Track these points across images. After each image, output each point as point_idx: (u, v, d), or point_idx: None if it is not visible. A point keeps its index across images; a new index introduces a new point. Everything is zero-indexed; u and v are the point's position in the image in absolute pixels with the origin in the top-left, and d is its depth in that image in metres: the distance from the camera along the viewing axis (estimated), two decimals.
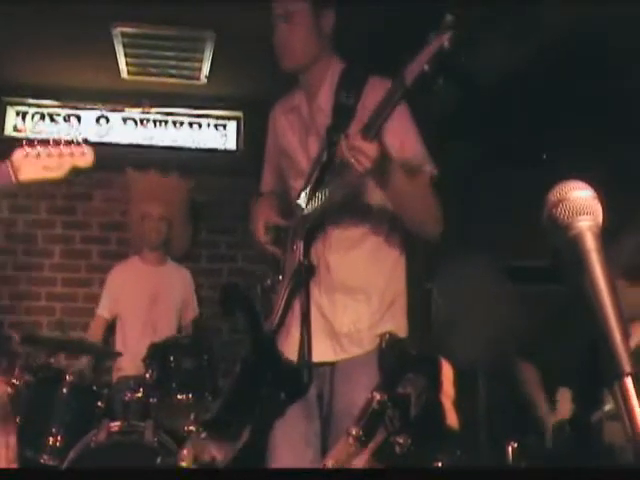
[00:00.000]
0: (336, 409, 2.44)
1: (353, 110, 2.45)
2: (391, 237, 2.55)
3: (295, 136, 2.64)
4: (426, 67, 2.01)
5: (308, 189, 2.49)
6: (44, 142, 2.73)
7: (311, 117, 2.60)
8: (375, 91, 2.37)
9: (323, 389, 2.48)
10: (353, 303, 2.49)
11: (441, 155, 2.59)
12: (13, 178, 2.66)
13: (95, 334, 4.60)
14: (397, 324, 2.52)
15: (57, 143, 2.71)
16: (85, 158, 2.73)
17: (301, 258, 2.47)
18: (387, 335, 2.40)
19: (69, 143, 2.72)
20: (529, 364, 2.92)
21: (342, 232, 2.50)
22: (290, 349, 2.47)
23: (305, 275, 2.45)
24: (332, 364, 2.47)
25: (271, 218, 2.64)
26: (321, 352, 2.44)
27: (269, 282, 2.66)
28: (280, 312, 2.52)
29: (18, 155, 2.68)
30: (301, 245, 2.48)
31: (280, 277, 2.59)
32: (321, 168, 2.48)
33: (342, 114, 2.47)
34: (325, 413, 2.48)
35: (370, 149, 2.15)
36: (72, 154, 2.70)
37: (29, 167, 2.66)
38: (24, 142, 2.72)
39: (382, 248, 2.54)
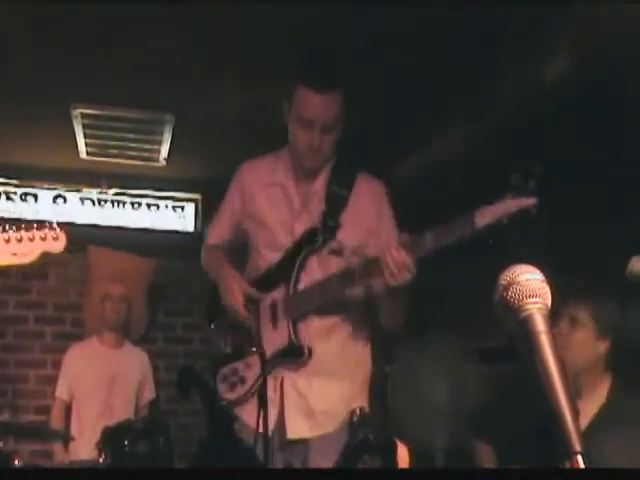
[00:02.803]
0: None
1: (346, 200, 2.59)
2: (360, 326, 2.69)
3: (276, 211, 2.68)
4: (505, 220, 2.06)
5: (295, 270, 2.58)
6: (14, 223, 2.55)
7: (303, 201, 2.67)
8: (365, 186, 2.58)
9: (293, 465, 2.55)
10: (328, 383, 2.60)
11: None
12: None
13: (56, 418, 4.51)
14: (364, 403, 2.62)
15: (29, 227, 2.53)
16: (58, 243, 2.58)
17: (293, 338, 2.54)
18: (358, 409, 2.42)
19: (42, 227, 2.55)
20: (485, 443, 2.93)
21: (321, 320, 2.60)
22: (257, 421, 2.44)
23: (299, 356, 2.54)
24: (306, 441, 2.56)
25: (247, 289, 2.65)
26: (296, 429, 2.54)
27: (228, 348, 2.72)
28: (252, 390, 2.57)
29: None
30: (291, 325, 2.55)
31: (250, 350, 2.62)
32: (309, 249, 2.57)
33: (335, 203, 2.59)
34: None
35: (410, 265, 2.24)
36: (44, 238, 2.54)
37: None
38: None
39: (354, 336, 2.67)
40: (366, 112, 3.97)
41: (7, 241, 2.50)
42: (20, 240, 2.52)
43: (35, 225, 2.57)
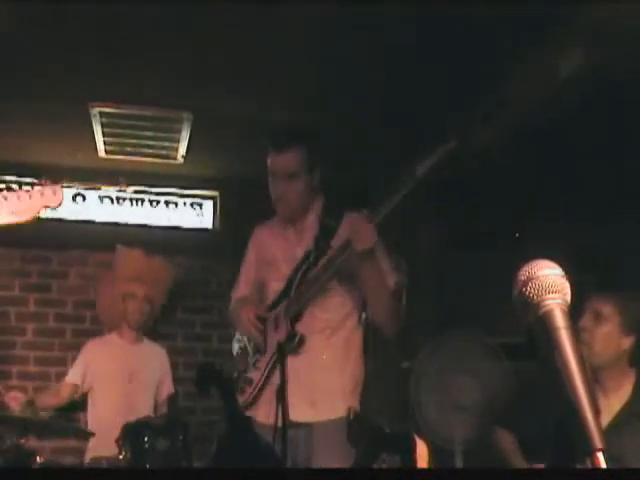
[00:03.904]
0: (311, 464, 2.82)
1: (335, 229, 2.99)
2: (359, 328, 3.10)
3: (280, 251, 3.15)
4: (440, 164, 2.53)
5: (294, 285, 2.98)
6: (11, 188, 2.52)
7: (298, 235, 3.13)
8: (355, 217, 2.85)
9: (297, 451, 2.84)
10: (330, 377, 2.95)
11: (412, 237, 2.95)
12: None
13: (61, 400, 4.55)
14: (357, 402, 2.99)
15: (26, 185, 2.48)
16: (56, 198, 2.52)
17: (289, 329, 2.88)
18: (353, 409, 2.86)
19: (39, 184, 2.51)
20: (506, 431, 2.92)
21: (324, 318, 2.98)
22: (269, 415, 2.78)
23: (294, 347, 2.84)
24: (309, 426, 2.86)
25: (257, 311, 3.07)
26: (300, 414, 2.80)
27: (243, 365, 3.06)
28: (260, 384, 2.90)
29: None
30: (288, 323, 2.91)
31: (259, 356, 3.01)
32: (305, 268, 2.98)
33: (326, 231, 3.01)
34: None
35: (372, 231, 2.65)
36: (42, 194, 2.48)
37: None
38: None
39: (353, 336, 3.07)
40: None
41: (5, 199, 2.46)
42: (19, 198, 2.47)
43: (33, 182, 2.52)
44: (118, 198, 5.43)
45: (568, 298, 1.15)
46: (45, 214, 2.66)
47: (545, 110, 3.67)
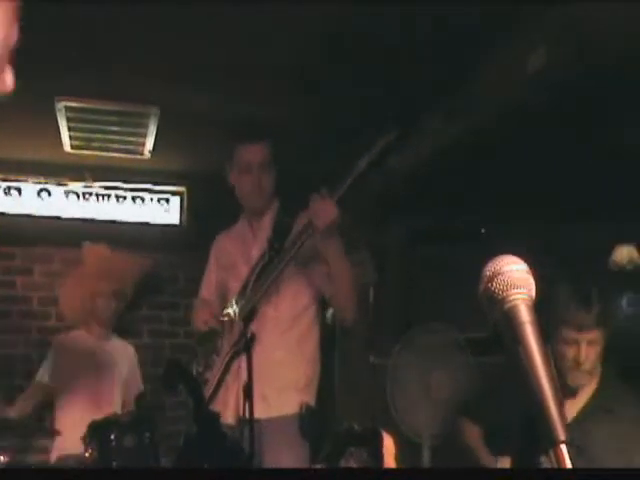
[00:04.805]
0: (264, 463, 2.92)
1: (290, 228, 3.08)
2: (314, 326, 3.18)
3: (238, 253, 3.26)
4: (376, 156, 2.75)
5: (250, 285, 3.03)
6: None
7: (254, 236, 3.23)
8: (305, 218, 2.96)
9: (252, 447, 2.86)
10: (282, 372, 3.04)
11: (382, 234, 3.05)
12: None
13: (37, 403, 4.50)
14: (312, 398, 3.08)
15: None
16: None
17: (242, 329, 2.89)
18: (306, 405, 2.96)
19: None
20: (472, 425, 2.94)
21: (278, 315, 3.09)
22: (229, 415, 2.91)
23: (247, 345, 2.81)
24: (260, 422, 2.89)
25: (216, 312, 3.14)
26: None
27: (202, 366, 3.11)
28: (215, 384, 2.97)
29: None
30: (241, 323, 2.94)
31: (215, 357, 3.07)
32: (261, 268, 3.04)
33: (281, 230, 3.11)
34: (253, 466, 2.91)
35: (333, 209, 2.75)
36: None
37: None
38: None
39: (309, 333, 3.15)
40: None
41: None
42: None
43: None
44: (84, 193, 5.38)
45: (533, 293, 1.17)
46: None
47: (512, 108, 3.70)
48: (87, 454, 3.54)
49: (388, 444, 2.27)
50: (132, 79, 3.96)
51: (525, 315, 1.13)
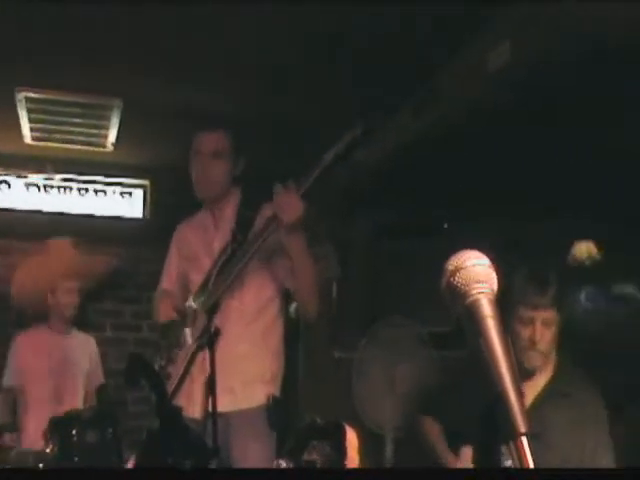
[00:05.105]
0: (231, 456, 2.94)
1: (252, 220, 3.05)
2: (278, 318, 3.17)
3: (200, 244, 3.21)
4: (343, 150, 2.75)
5: (212, 278, 2.99)
6: None
7: (216, 227, 3.19)
8: (268, 210, 2.95)
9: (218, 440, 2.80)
10: (247, 365, 3.03)
11: (346, 228, 3.04)
12: None
13: (3, 409, 4.43)
14: (278, 391, 3.07)
15: None
16: None
17: (206, 323, 2.80)
18: (272, 397, 2.95)
19: None
20: (432, 418, 2.97)
21: (242, 307, 3.06)
22: (194, 409, 2.85)
23: (211, 338, 2.76)
24: (227, 415, 2.88)
25: (178, 304, 3.11)
26: (219, 404, 2.73)
27: (164, 359, 3.05)
28: (179, 379, 2.89)
29: None
30: (204, 316, 2.86)
31: (177, 352, 3.01)
32: (224, 260, 2.99)
33: (243, 222, 3.07)
34: (221, 461, 2.82)
35: (298, 203, 2.75)
36: None
37: None
38: None
39: (273, 325, 3.14)
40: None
41: None
42: None
43: None
44: (45, 186, 5.31)
45: (495, 287, 1.18)
46: None
47: (478, 105, 3.73)
48: (48, 450, 3.50)
49: (351, 437, 2.28)
50: (95, 70, 3.92)
51: (487, 309, 1.14)
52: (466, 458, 2.65)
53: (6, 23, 3.44)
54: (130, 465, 2.98)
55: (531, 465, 1.03)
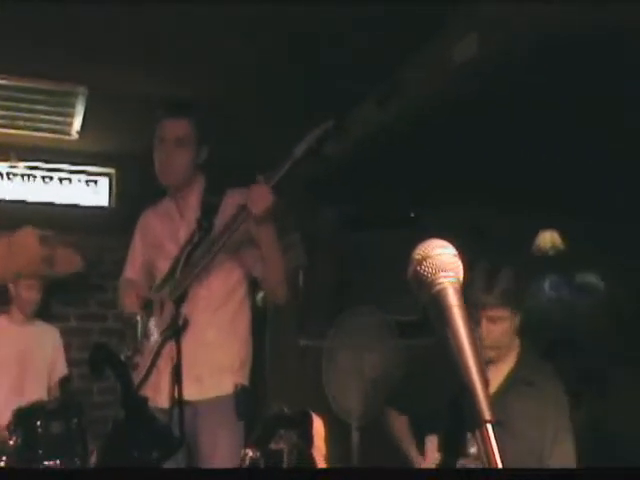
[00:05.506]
0: (199, 445, 2.93)
1: (217, 207, 3.04)
2: (246, 305, 3.15)
3: (166, 231, 3.19)
4: (314, 144, 2.74)
5: (179, 265, 2.98)
6: None
7: (181, 215, 3.16)
8: (234, 195, 3.00)
9: (186, 429, 2.80)
10: (216, 354, 3.01)
11: (314, 217, 3.04)
12: None
13: None
14: (246, 380, 3.05)
15: None
16: None
17: (173, 315, 2.84)
18: (240, 385, 2.94)
19: None
20: (399, 411, 2.99)
21: (209, 295, 3.03)
22: (161, 399, 2.83)
23: (179, 330, 2.81)
24: (195, 404, 2.90)
25: (141, 292, 3.10)
26: (186, 393, 2.77)
27: (130, 349, 3.02)
28: (147, 368, 2.89)
29: None
30: (172, 306, 2.88)
31: (143, 341, 2.99)
32: (190, 248, 2.98)
33: (208, 210, 3.05)
34: (189, 450, 2.93)
35: (268, 195, 2.75)
36: None
37: None
38: None
39: (240, 313, 3.13)
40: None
41: None
42: None
43: None
44: (9, 174, 5.24)
45: (461, 277, 1.18)
46: None
47: (442, 96, 3.74)
48: (11, 442, 3.47)
49: (318, 426, 2.29)
50: (60, 57, 3.87)
51: (453, 298, 1.15)
52: (432, 447, 2.68)
53: None
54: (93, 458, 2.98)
55: (496, 452, 1.05)
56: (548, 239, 6.33)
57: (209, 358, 3.00)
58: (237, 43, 3.63)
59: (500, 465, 1.05)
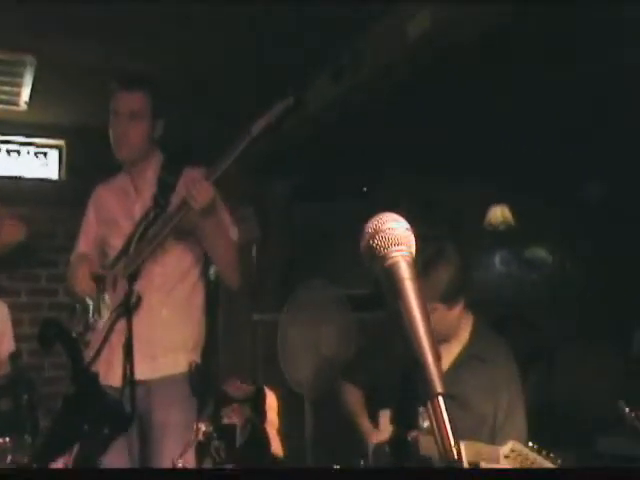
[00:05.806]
0: (152, 423, 2.92)
1: (174, 185, 2.99)
2: (200, 284, 3.14)
3: (120, 207, 3.13)
4: (274, 121, 2.63)
5: (133, 242, 2.95)
6: None
7: (137, 192, 3.11)
8: (191, 173, 2.94)
9: (139, 407, 2.81)
10: (170, 333, 2.99)
11: (264, 190, 2.99)
12: None
13: None
14: (199, 357, 3.05)
15: None
16: None
17: (127, 292, 2.78)
18: (195, 364, 2.93)
19: None
20: (352, 385, 3.01)
21: (164, 273, 3.01)
22: (113, 376, 2.79)
23: (132, 307, 2.75)
24: (148, 382, 2.89)
25: (93, 268, 3.01)
26: (140, 372, 2.72)
27: (82, 326, 2.99)
28: (98, 346, 2.80)
29: None
30: (125, 283, 2.82)
31: (95, 318, 2.97)
32: (145, 226, 2.94)
33: (165, 187, 3.00)
34: (142, 428, 2.93)
35: (208, 189, 2.68)
36: None
37: None
38: None
39: (194, 292, 3.11)
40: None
41: None
42: None
43: None
44: None
45: (413, 250, 1.18)
46: None
47: (396, 68, 3.74)
48: None
49: (271, 400, 2.30)
50: (8, 25, 3.76)
51: (405, 271, 1.15)
52: (385, 421, 2.70)
53: None
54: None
55: (447, 424, 1.05)
56: (499, 214, 6.40)
57: (163, 337, 2.98)
58: (191, 15, 3.57)
59: (451, 437, 1.06)
